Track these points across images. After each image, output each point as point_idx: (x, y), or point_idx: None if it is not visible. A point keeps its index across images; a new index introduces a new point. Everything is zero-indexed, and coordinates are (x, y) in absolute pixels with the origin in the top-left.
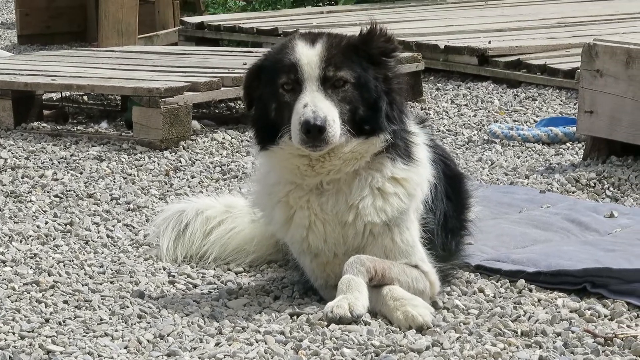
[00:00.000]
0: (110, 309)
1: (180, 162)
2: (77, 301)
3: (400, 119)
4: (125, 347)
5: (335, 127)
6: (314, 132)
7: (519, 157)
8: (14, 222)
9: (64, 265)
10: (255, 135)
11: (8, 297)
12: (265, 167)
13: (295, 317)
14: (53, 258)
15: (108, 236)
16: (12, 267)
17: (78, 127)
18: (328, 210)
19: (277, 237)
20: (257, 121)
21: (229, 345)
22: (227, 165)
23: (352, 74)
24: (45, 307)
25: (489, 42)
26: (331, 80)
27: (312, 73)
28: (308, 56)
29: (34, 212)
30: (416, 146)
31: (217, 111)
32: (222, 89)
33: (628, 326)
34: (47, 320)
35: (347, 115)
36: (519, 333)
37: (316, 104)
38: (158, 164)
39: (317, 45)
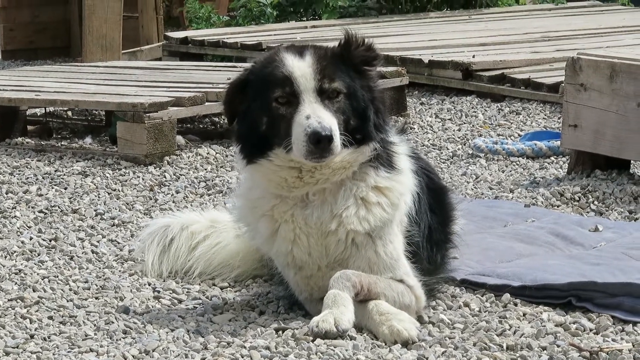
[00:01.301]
0: (95, 325)
1: (164, 177)
2: (62, 317)
3: (384, 128)
4: None
5: (338, 137)
6: (324, 143)
7: (503, 171)
8: None
9: (49, 281)
10: (241, 149)
11: None
12: (249, 181)
13: (280, 332)
14: (38, 274)
15: (93, 252)
16: None
17: (62, 143)
18: (312, 223)
19: (261, 251)
20: (243, 136)
21: None
22: (212, 180)
23: (344, 85)
24: (30, 323)
25: (473, 57)
26: (327, 91)
27: (307, 85)
28: (301, 68)
29: (18, 228)
30: (398, 156)
31: (201, 126)
32: (207, 104)
33: (613, 340)
34: (32, 336)
35: (342, 126)
36: (505, 347)
37: (319, 115)
38: (142, 179)
39: (307, 56)
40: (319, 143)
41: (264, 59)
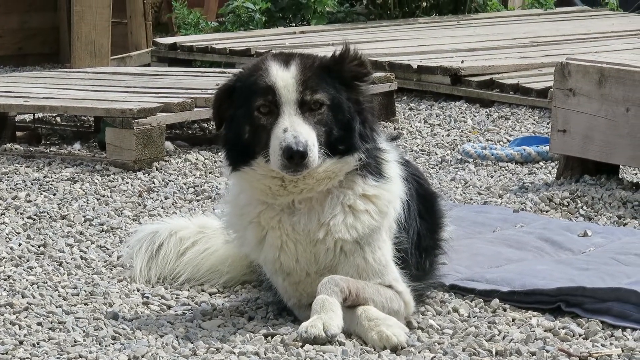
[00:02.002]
0: (84, 331)
1: (153, 183)
2: (51, 323)
3: (372, 137)
4: None
5: (315, 151)
6: (297, 158)
7: (492, 177)
8: None
9: (38, 287)
10: (226, 156)
11: None
12: (236, 188)
13: (269, 337)
14: (27, 280)
15: (82, 257)
16: None
17: (51, 149)
18: (300, 230)
19: (250, 258)
20: (229, 142)
21: None
22: (201, 186)
23: (328, 97)
24: (20, 329)
25: (462, 62)
26: (308, 103)
27: (289, 96)
28: (284, 79)
29: (7, 234)
30: (387, 163)
31: (190, 132)
32: (195, 109)
33: (603, 345)
34: (21, 342)
35: (323, 137)
36: (494, 353)
37: (296, 129)
38: (131, 185)
39: (292, 67)
40: (292, 158)
41: (251, 66)
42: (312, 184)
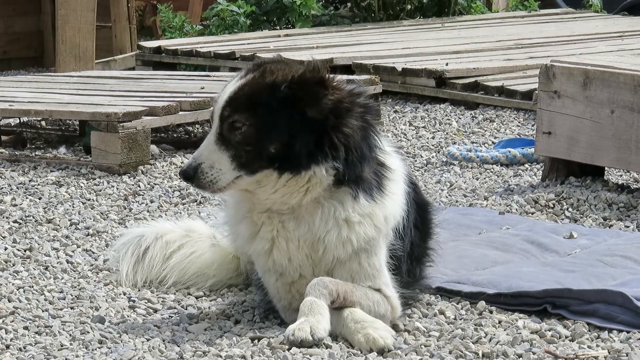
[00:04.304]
0: (70, 335)
1: (139, 186)
2: (38, 327)
3: (349, 153)
4: None
5: (215, 173)
6: (183, 178)
7: (477, 179)
8: None
9: (24, 291)
10: None
11: None
12: None
13: (256, 341)
14: (13, 284)
15: (68, 261)
16: None
17: (36, 153)
18: (290, 229)
19: (242, 252)
20: None
21: None
22: (186, 190)
23: (253, 119)
24: (6, 334)
25: (447, 64)
26: (226, 120)
27: (216, 114)
28: (223, 94)
29: None
30: (389, 178)
31: (175, 135)
32: (180, 113)
33: (589, 347)
34: (7, 347)
35: (252, 155)
36: (480, 355)
37: (200, 152)
38: (117, 188)
39: (240, 81)
40: (180, 175)
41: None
42: (279, 198)
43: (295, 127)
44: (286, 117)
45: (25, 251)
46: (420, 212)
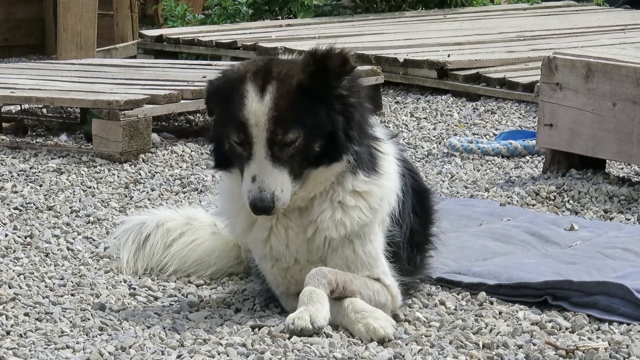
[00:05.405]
0: (71, 321)
1: (140, 174)
2: (38, 313)
3: (361, 135)
4: None
5: (285, 194)
6: (261, 212)
7: (478, 170)
8: None
9: (25, 278)
10: (211, 153)
11: None
12: (227, 176)
13: (256, 329)
14: (13, 270)
15: (68, 249)
16: None
17: (37, 140)
18: (293, 218)
19: (240, 242)
20: (213, 142)
21: (191, 357)
22: (187, 178)
23: (302, 129)
24: (6, 320)
25: (448, 56)
26: (279, 143)
27: (260, 137)
28: (257, 115)
29: None
30: (383, 158)
31: (176, 124)
32: (182, 101)
33: (589, 338)
34: (8, 333)
35: (302, 162)
36: (481, 345)
37: (263, 179)
38: (118, 176)
39: (266, 96)
40: (258, 211)
41: (234, 76)
42: (304, 195)
43: (333, 116)
44: (325, 112)
45: (25, 238)
46: (419, 199)
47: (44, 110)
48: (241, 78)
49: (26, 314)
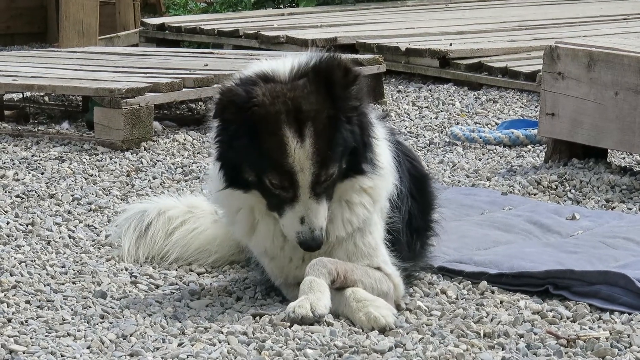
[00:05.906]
0: (72, 309)
1: (141, 163)
2: (40, 301)
3: (371, 136)
4: (88, 347)
5: (326, 220)
6: (313, 250)
7: (480, 159)
8: None
9: (26, 266)
10: (221, 174)
11: None
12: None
13: (257, 317)
14: (15, 258)
15: (70, 237)
16: None
17: (39, 128)
18: None
19: (239, 240)
20: (226, 166)
21: (192, 345)
22: (189, 167)
23: (337, 159)
24: (8, 307)
25: (450, 45)
26: (322, 183)
27: (304, 180)
28: (301, 161)
29: None
30: (380, 152)
31: (178, 112)
32: (184, 90)
33: (590, 328)
34: (9, 320)
35: (334, 184)
36: (482, 334)
37: (312, 220)
38: (119, 164)
39: (306, 141)
40: (310, 250)
41: (264, 113)
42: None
43: (353, 130)
44: (347, 130)
45: (27, 226)
46: (418, 184)
47: (46, 98)
48: (275, 119)
49: (27, 302)
